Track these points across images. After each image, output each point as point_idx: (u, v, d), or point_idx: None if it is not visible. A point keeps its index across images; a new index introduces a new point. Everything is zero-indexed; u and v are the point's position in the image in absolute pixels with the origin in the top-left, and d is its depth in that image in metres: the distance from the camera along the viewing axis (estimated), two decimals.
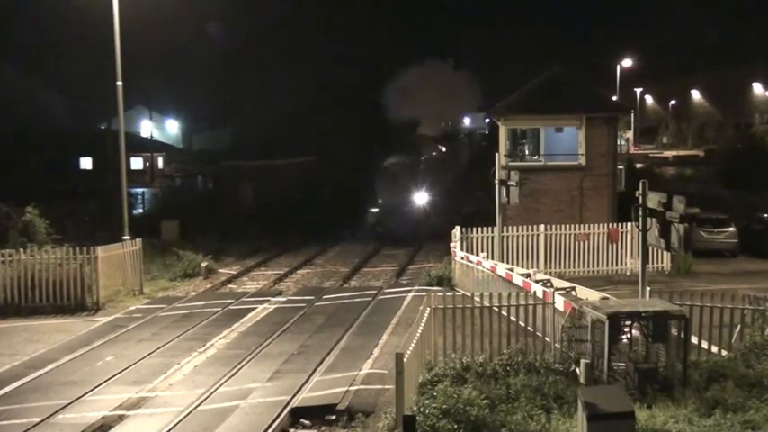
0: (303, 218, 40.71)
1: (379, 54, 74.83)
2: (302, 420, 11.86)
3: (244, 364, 14.72)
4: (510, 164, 26.39)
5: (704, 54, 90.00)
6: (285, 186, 48.88)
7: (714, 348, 13.15)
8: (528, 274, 17.04)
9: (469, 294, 14.58)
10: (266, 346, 16.05)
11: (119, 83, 23.99)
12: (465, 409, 10.36)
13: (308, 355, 15.29)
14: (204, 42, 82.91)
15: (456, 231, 23.57)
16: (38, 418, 11.81)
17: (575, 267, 24.39)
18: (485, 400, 10.75)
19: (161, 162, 70.54)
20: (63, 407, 12.36)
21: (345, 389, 12.83)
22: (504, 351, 13.02)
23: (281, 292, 23.23)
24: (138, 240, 23.42)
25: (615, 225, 24.93)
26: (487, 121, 78.99)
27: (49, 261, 20.82)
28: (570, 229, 24.70)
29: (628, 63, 65.26)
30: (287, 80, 68.12)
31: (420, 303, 14.30)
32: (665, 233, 13.54)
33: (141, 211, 44.85)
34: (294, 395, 12.69)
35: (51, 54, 78.82)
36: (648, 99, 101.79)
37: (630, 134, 72.58)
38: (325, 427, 11.68)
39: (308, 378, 13.66)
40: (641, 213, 13.98)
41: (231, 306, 20.48)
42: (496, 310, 13.56)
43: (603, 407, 9.18)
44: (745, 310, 13.31)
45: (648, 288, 14.12)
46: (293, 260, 30.82)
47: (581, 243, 24.61)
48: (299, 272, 28.29)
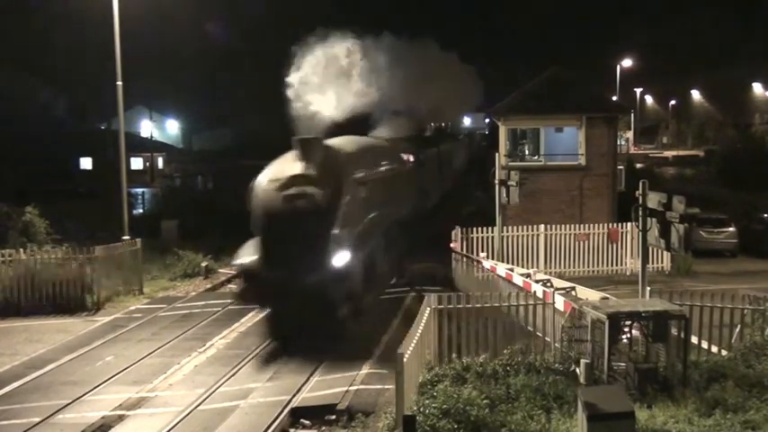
0: None
1: None
2: (302, 420, 11.86)
3: (244, 364, 14.72)
4: (510, 164, 26.39)
5: (704, 54, 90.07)
6: None
7: (714, 348, 13.14)
8: (528, 274, 17.04)
9: (470, 294, 14.57)
10: (266, 347, 16.04)
11: (119, 83, 23.98)
12: (465, 410, 10.35)
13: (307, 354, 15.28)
14: (205, 42, 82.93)
15: (456, 231, 23.60)
16: (38, 418, 11.81)
17: (575, 267, 24.39)
18: (485, 401, 10.74)
19: (161, 162, 70.53)
20: (63, 407, 12.38)
21: (345, 389, 12.82)
22: (504, 351, 13.01)
23: None
24: (138, 240, 23.41)
25: (615, 225, 24.94)
26: (487, 121, 78.97)
27: (49, 261, 20.81)
28: (570, 229, 24.71)
29: (628, 63, 65.25)
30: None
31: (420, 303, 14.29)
32: (664, 233, 13.55)
33: (141, 211, 44.80)
34: (294, 395, 12.70)
35: (51, 54, 78.88)
36: (648, 99, 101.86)
37: (630, 134, 72.57)
38: (325, 427, 11.68)
39: (308, 378, 13.66)
40: (641, 213, 13.98)
41: (231, 306, 20.45)
42: (496, 309, 13.55)
43: (603, 407, 9.18)
44: (745, 310, 13.30)
45: (648, 288, 14.13)
46: None
47: (581, 243, 24.62)
48: None
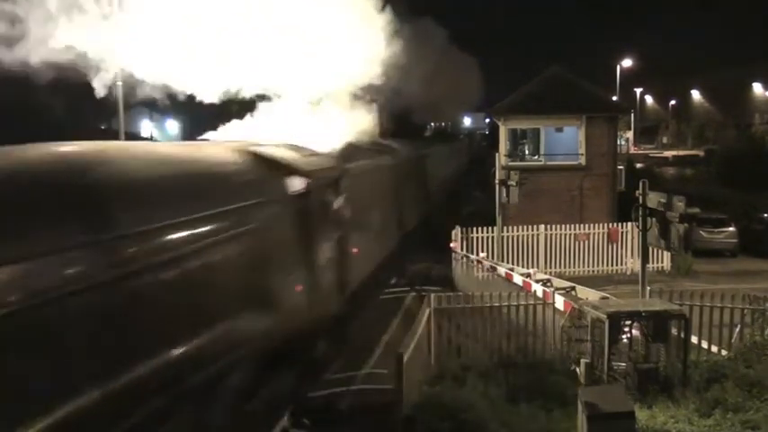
0: None
1: None
2: (303, 420, 11.85)
3: None
4: (510, 164, 26.39)
5: (704, 54, 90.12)
6: None
7: (714, 348, 13.14)
8: (528, 274, 17.04)
9: (470, 294, 14.58)
10: None
11: (119, 83, 23.95)
12: (465, 410, 10.36)
13: None
14: None
15: (456, 231, 23.60)
16: None
17: (575, 267, 24.39)
18: (485, 401, 10.75)
19: None
20: None
21: (346, 389, 12.82)
22: (504, 351, 13.01)
23: None
24: None
25: (615, 225, 24.94)
26: (487, 121, 78.98)
27: None
28: (570, 229, 24.71)
29: (628, 63, 65.22)
30: None
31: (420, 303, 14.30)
32: (664, 233, 13.55)
33: None
34: None
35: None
36: (648, 99, 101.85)
37: (630, 134, 72.53)
38: (325, 427, 11.67)
39: None
40: (641, 213, 13.98)
41: None
42: (497, 309, 13.55)
43: (604, 407, 9.17)
44: (745, 310, 13.30)
45: (648, 288, 14.13)
46: None
47: (581, 243, 24.62)
48: None
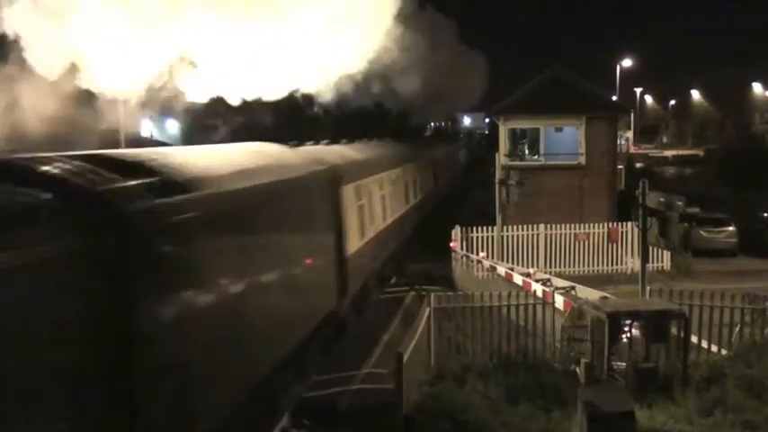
0: None
1: None
2: (302, 420, 11.84)
3: None
4: (510, 163, 26.38)
5: (704, 54, 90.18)
6: None
7: (714, 348, 13.14)
8: (528, 274, 17.04)
9: (470, 294, 14.57)
10: None
11: None
12: (465, 410, 10.35)
13: None
14: None
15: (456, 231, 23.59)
16: None
17: (575, 267, 24.38)
18: (485, 401, 10.74)
19: None
20: None
21: (345, 388, 12.82)
22: (504, 351, 13.01)
23: None
24: None
25: (615, 224, 24.92)
26: (487, 120, 78.99)
27: None
28: (570, 229, 24.69)
29: (628, 63, 65.21)
30: None
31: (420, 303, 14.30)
32: (664, 232, 13.56)
33: None
34: None
35: None
36: (648, 99, 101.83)
37: (630, 134, 72.43)
38: (325, 427, 11.67)
39: None
40: (641, 213, 13.98)
41: None
42: (496, 309, 13.54)
43: (603, 407, 9.17)
44: (745, 310, 13.29)
45: (648, 287, 14.13)
46: None
47: (581, 242, 24.60)
48: None
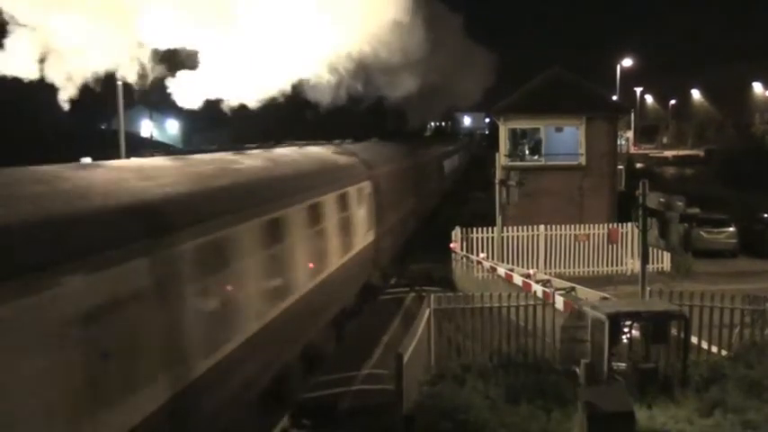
0: None
1: None
2: (303, 421, 11.85)
3: None
4: (510, 164, 26.38)
5: (704, 54, 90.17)
6: None
7: (714, 349, 13.14)
8: (528, 275, 17.04)
9: (470, 294, 14.58)
10: None
11: (119, 82, 23.96)
12: (465, 410, 10.36)
13: None
14: None
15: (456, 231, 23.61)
16: None
17: (575, 268, 24.38)
18: (485, 401, 10.75)
19: None
20: None
21: (346, 389, 12.82)
22: (504, 351, 13.01)
23: None
24: None
25: (615, 225, 24.93)
26: (488, 120, 78.99)
27: None
28: (570, 230, 24.70)
29: (628, 63, 65.22)
30: None
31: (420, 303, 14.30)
32: (664, 233, 13.56)
33: None
34: None
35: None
36: (648, 98, 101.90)
37: (630, 134, 72.48)
38: (325, 427, 11.68)
39: None
40: (641, 213, 13.98)
41: None
42: (497, 310, 13.55)
43: (603, 407, 9.19)
44: (745, 311, 13.30)
45: (648, 288, 14.13)
46: None
47: (581, 243, 24.60)
48: None
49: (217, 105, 16.74)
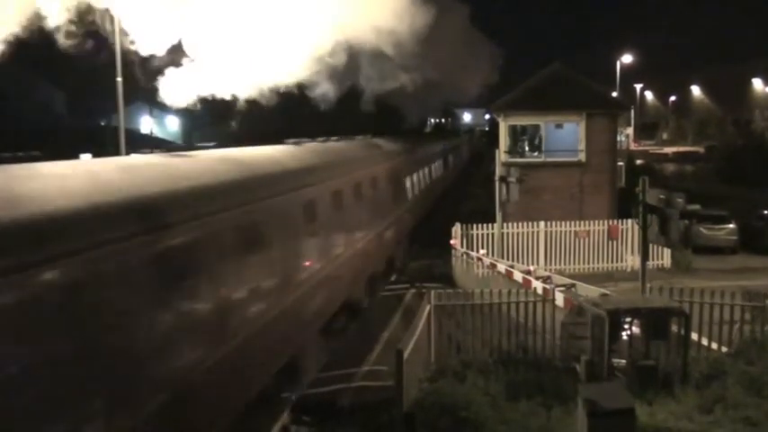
0: None
1: None
2: (303, 417, 11.86)
3: None
4: (510, 160, 26.37)
5: (704, 50, 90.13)
6: None
7: (714, 345, 13.15)
8: (528, 271, 17.03)
9: (470, 291, 14.58)
10: None
11: (119, 79, 23.96)
12: (465, 406, 10.36)
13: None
14: None
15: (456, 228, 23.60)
16: None
17: (575, 264, 24.37)
18: (485, 397, 10.75)
19: None
20: None
21: (346, 386, 12.83)
22: (504, 348, 13.01)
23: None
24: None
25: (615, 222, 24.92)
26: (488, 117, 78.96)
27: None
28: (570, 226, 24.69)
29: (628, 59, 65.20)
30: None
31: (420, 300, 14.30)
32: (664, 230, 13.55)
33: None
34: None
35: (51, 49, 78.69)
36: (648, 95, 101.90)
37: (630, 130, 72.47)
38: (325, 424, 11.68)
39: None
40: (641, 210, 13.97)
41: None
42: (497, 306, 13.55)
43: (604, 404, 9.18)
44: (745, 307, 13.30)
45: (648, 285, 14.12)
46: None
47: (581, 240, 24.59)
48: None
49: (216, 103, 16.65)
